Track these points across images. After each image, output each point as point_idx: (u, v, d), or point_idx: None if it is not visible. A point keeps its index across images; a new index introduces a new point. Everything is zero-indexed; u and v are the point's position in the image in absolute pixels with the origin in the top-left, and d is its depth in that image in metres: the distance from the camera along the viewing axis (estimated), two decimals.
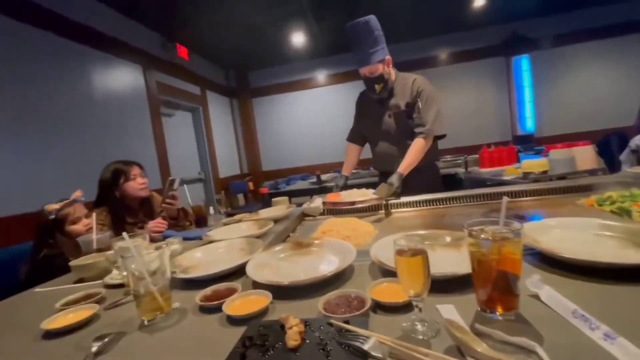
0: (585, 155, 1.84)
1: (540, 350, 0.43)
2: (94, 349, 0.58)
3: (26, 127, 2.27)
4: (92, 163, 2.72)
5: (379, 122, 1.80)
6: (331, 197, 1.62)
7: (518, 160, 2.54)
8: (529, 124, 5.02)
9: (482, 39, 5.13)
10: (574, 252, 0.68)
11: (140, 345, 0.61)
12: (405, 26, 4.31)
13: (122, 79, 3.26)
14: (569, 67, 5.01)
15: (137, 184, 1.66)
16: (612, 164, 3.41)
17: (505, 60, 5.10)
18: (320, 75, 5.71)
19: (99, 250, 1.15)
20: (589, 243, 0.77)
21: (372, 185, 1.71)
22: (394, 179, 1.59)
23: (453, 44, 5.24)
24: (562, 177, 1.82)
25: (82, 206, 1.45)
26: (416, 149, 1.67)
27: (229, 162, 5.45)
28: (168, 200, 1.63)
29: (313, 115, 5.75)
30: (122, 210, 1.64)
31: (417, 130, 1.70)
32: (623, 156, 3.16)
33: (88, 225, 1.40)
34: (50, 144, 2.43)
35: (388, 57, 1.70)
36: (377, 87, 1.72)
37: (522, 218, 1.23)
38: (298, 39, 4.65)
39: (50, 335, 0.68)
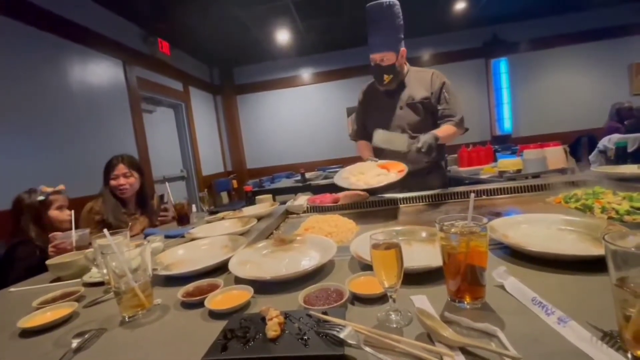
0: (556, 155, 1.93)
1: (500, 334, 0.47)
2: (74, 345, 0.58)
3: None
4: (69, 159, 2.65)
5: (390, 116, 1.71)
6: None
7: (495, 160, 2.64)
8: (507, 125, 5.20)
9: (464, 41, 5.27)
10: (537, 246, 0.73)
11: (122, 341, 0.62)
12: None
13: (101, 73, 3.16)
14: (545, 71, 5.22)
15: (115, 184, 1.70)
16: (583, 164, 3.60)
17: (485, 62, 5.26)
18: (306, 74, 5.72)
19: (79, 248, 1.14)
20: (552, 237, 0.83)
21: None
22: (427, 137, 1.46)
23: (436, 45, 5.36)
24: (535, 176, 1.91)
25: (66, 198, 1.50)
26: (448, 130, 1.61)
27: (212, 160, 5.38)
28: (162, 214, 1.74)
29: (298, 114, 5.75)
30: (116, 201, 1.71)
31: (448, 119, 1.65)
32: (592, 156, 3.35)
33: (69, 216, 1.42)
34: (25, 138, 2.34)
35: (404, 49, 1.64)
36: (386, 77, 1.63)
37: (497, 214, 1.29)
38: (283, 36, 4.63)
39: (28, 333, 0.67)
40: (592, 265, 0.63)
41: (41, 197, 1.40)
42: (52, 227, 1.40)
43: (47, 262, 1.04)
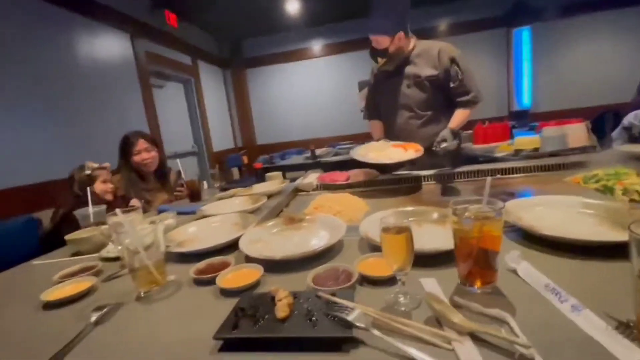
0: (577, 133, 1.84)
1: (511, 321, 0.46)
2: (93, 318, 0.61)
3: (6, 97, 2.19)
4: (81, 134, 2.68)
5: (396, 93, 1.69)
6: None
7: (512, 137, 2.54)
8: (526, 99, 4.98)
9: (483, 9, 4.94)
10: (553, 229, 0.71)
11: (137, 315, 0.64)
12: None
13: (109, 47, 3.12)
14: (571, 41, 4.88)
15: (139, 159, 1.80)
16: (605, 142, 3.45)
17: (506, 32, 4.95)
18: (317, 45, 5.52)
19: (97, 223, 1.17)
20: (569, 221, 0.80)
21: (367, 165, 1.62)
22: (447, 134, 1.50)
23: (453, 14, 5.05)
24: (554, 154, 1.83)
25: (110, 173, 1.62)
26: (462, 117, 1.60)
27: (222, 136, 5.38)
28: (179, 189, 1.81)
29: (309, 87, 5.62)
30: (136, 177, 1.81)
31: (461, 99, 1.61)
32: (615, 134, 3.18)
33: (111, 189, 1.58)
34: (36, 114, 2.36)
35: (401, 33, 1.56)
36: (380, 60, 1.62)
37: (511, 194, 1.26)
38: (294, 5, 4.44)
39: (50, 306, 0.70)
40: (611, 251, 0.61)
41: (87, 172, 1.53)
42: (97, 197, 1.52)
43: (66, 237, 1.08)
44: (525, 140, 1.94)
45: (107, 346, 0.55)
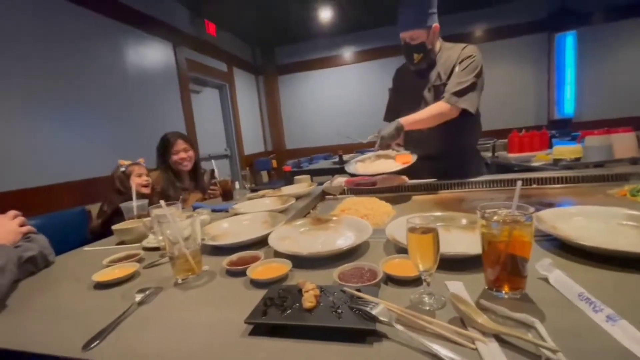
0: (625, 143, 1.72)
1: (539, 326, 0.46)
2: (138, 299, 0.67)
3: (62, 101, 2.41)
4: (125, 136, 2.90)
5: (418, 98, 1.61)
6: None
7: (550, 146, 2.42)
8: (568, 108, 4.70)
9: (524, 13, 4.76)
10: (592, 240, 0.68)
11: (175, 299, 0.69)
12: None
13: (153, 55, 3.36)
14: (621, 45, 4.56)
15: (178, 158, 1.92)
16: None
17: (548, 37, 4.73)
18: (347, 53, 5.58)
19: (139, 216, 1.27)
20: (609, 232, 0.76)
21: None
22: (392, 127, 1.40)
23: (491, 19, 4.91)
24: (599, 165, 1.73)
25: (144, 167, 1.74)
26: (433, 111, 1.45)
27: (253, 140, 5.56)
28: (212, 188, 1.94)
29: (338, 94, 5.68)
30: (172, 175, 1.93)
31: (444, 94, 1.48)
32: None
33: (147, 182, 1.69)
34: (84, 117, 2.58)
35: (436, 24, 1.52)
36: (416, 56, 1.55)
37: (548, 205, 1.21)
38: (325, 14, 4.54)
39: (100, 286, 0.78)
40: None
41: (122, 169, 1.67)
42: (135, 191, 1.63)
43: (113, 227, 1.18)
44: (565, 150, 1.84)
45: (149, 323, 0.60)
